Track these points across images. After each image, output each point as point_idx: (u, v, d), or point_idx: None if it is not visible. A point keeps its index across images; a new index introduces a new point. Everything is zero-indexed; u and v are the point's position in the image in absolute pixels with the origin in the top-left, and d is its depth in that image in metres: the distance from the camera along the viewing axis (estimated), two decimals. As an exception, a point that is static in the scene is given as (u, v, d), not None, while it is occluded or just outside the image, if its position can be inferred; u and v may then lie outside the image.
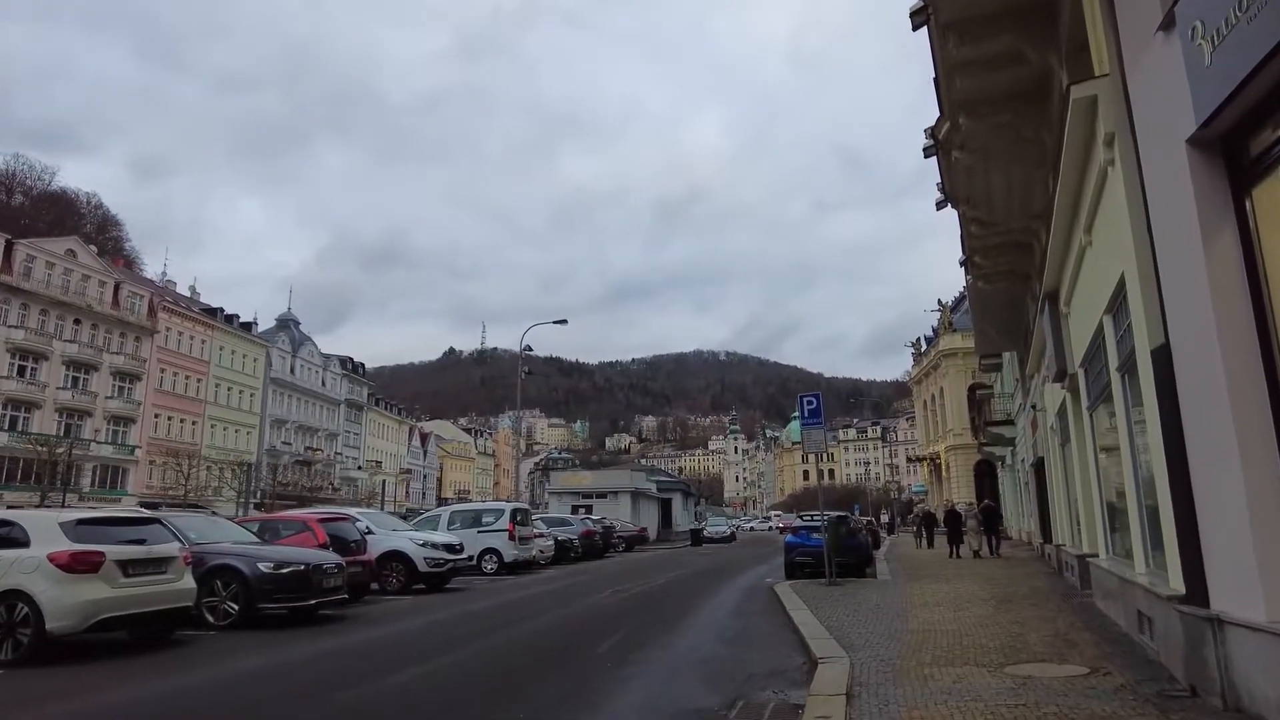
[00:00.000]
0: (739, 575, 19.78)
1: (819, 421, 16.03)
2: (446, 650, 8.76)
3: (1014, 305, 21.78)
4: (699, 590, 15.66)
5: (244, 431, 73.33)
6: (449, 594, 15.29)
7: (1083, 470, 12.64)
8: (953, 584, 14.86)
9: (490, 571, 20.23)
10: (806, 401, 16.24)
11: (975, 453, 59.71)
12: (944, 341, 68.00)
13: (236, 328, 73.75)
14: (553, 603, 13.63)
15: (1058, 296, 12.01)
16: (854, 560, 17.81)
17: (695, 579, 18.73)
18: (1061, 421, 15.44)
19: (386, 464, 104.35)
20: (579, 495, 45.07)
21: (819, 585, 15.01)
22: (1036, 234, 15.19)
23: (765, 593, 14.59)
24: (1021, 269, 17.53)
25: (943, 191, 14.76)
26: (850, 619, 10.19)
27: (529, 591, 15.66)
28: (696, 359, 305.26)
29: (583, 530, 28.32)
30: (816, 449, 16.09)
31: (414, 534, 15.74)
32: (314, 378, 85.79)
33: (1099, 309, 8.53)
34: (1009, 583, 14.83)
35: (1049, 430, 18.05)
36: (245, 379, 73.68)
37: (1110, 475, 10.45)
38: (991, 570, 18.59)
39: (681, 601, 13.59)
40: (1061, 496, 16.28)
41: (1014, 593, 12.94)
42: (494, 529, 20.49)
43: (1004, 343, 26.50)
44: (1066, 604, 11.06)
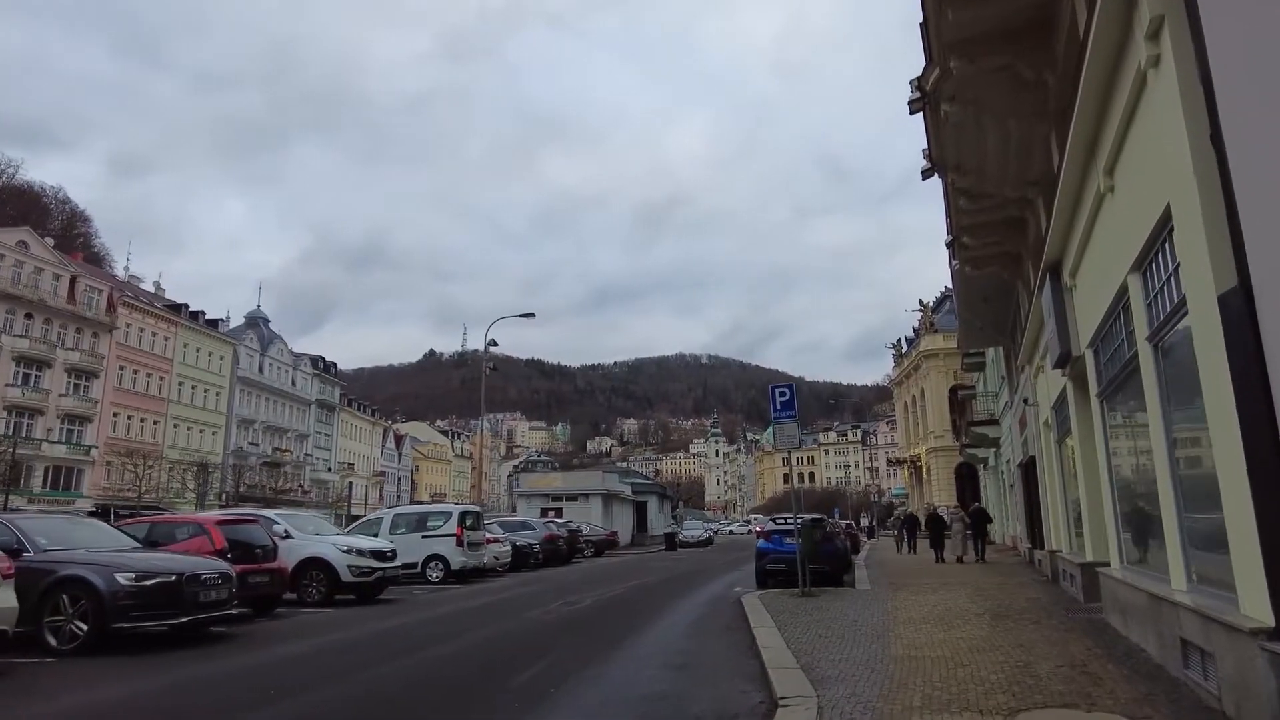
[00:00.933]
0: (707, 583, 18.21)
1: (792, 415, 14.49)
2: (318, 684, 7.10)
3: (1002, 293, 20.38)
4: (658, 602, 14.07)
5: (209, 432, 71.04)
6: (377, 606, 13.61)
7: (1088, 467, 11.15)
8: (939, 595, 13.35)
9: (435, 580, 18.51)
10: (779, 393, 14.69)
11: (957, 455, 58.63)
12: (925, 342, 66.93)
13: (202, 325, 71.45)
14: (487, 618, 11.98)
15: (1060, 269, 10.53)
16: (831, 568, 16.28)
17: (658, 588, 17.14)
18: (1059, 414, 13.98)
19: (359, 466, 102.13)
20: (549, 498, 43.29)
21: (791, 596, 13.46)
22: (1032, 205, 13.74)
23: (731, 605, 13.02)
24: (1013, 249, 16.10)
25: (929, 158, 13.28)
26: (823, 640, 8.62)
27: (468, 604, 14.00)
28: (678, 362, 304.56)
29: (545, 534, 26.61)
30: (790, 445, 14.54)
31: (340, 539, 14.04)
32: (284, 377, 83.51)
33: (1121, 269, 7.03)
34: (1001, 593, 13.34)
35: (1041, 426, 16.62)
36: (211, 377, 71.36)
37: (1126, 471, 8.96)
38: (979, 578, 17.12)
39: (634, 616, 11.99)
40: (1057, 498, 14.84)
41: (1009, 606, 11.43)
42: (440, 534, 18.77)
43: (990, 337, 25.13)
44: (1073, 621, 9.55)
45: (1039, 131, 11.14)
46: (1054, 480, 15.10)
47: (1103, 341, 8.91)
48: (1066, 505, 14.24)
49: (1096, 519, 10.93)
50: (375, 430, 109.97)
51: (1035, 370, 16.27)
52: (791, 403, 14.54)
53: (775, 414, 14.65)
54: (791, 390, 14.62)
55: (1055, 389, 13.53)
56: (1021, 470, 24.85)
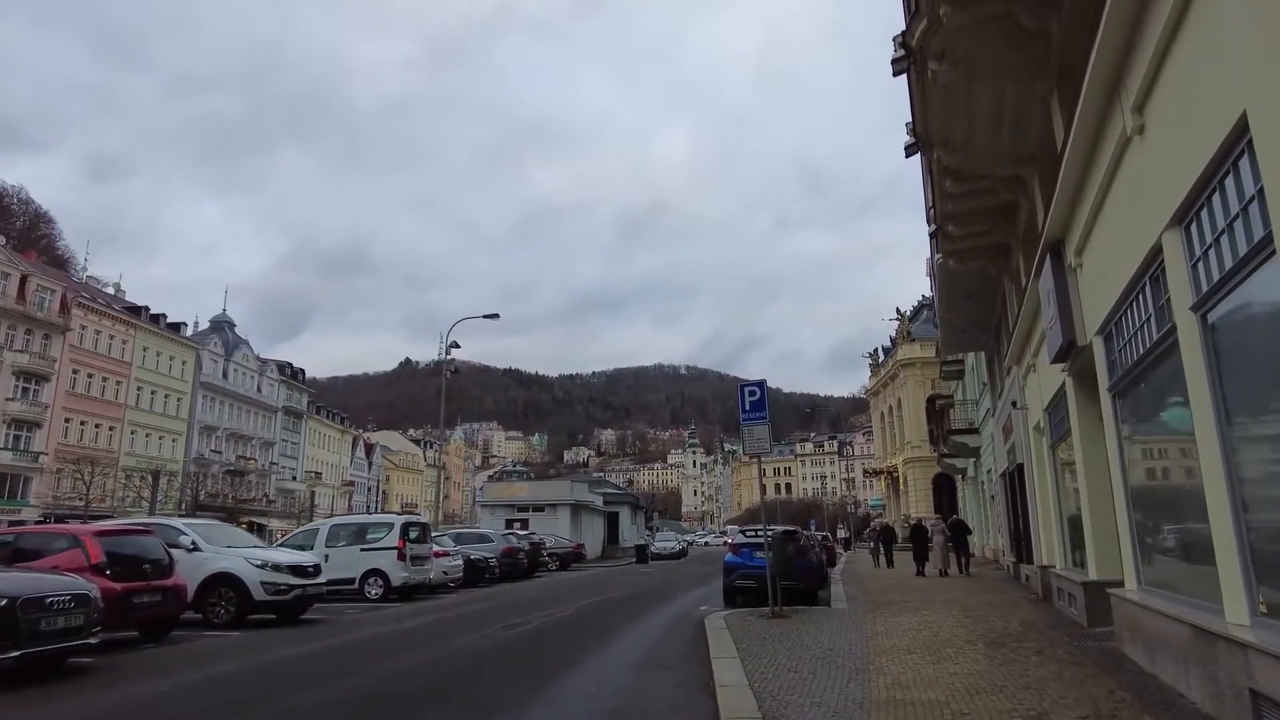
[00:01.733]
0: (671, 601, 16.79)
1: (762, 417, 13.13)
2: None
3: (987, 291, 19.23)
4: (612, 624, 12.63)
5: (169, 438, 68.65)
6: (295, 629, 12.06)
7: (1093, 473, 9.89)
8: (923, 615, 12.03)
9: (374, 597, 16.94)
10: (748, 393, 13.33)
11: (934, 465, 57.81)
12: (902, 351, 66.12)
13: (163, 328, 69.01)
14: (409, 644, 10.47)
15: (1063, 248, 9.28)
16: (805, 584, 14.92)
17: (617, 606, 15.69)
18: (1054, 416, 12.74)
19: (327, 475, 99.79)
20: (514, 508, 41.57)
21: (761, 617, 12.08)
22: (1025, 186, 12.53)
23: (693, 628, 11.61)
24: (1001, 238, 14.91)
25: (913, 133, 12.02)
26: (793, 677, 7.25)
27: (397, 626, 12.47)
28: (657, 373, 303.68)
29: (504, 547, 25.03)
30: (759, 450, 13.19)
31: (255, 552, 12.47)
32: (249, 383, 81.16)
33: (1153, 227, 5.75)
34: (991, 614, 12.04)
35: (1031, 431, 15.40)
36: (172, 382, 68.98)
37: (1144, 477, 7.68)
38: (964, 595, 15.85)
39: (579, 642, 10.54)
40: (1050, 509, 13.59)
41: (1004, 630, 10.12)
42: (380, 546, 17.19)
43: (972, 340, 23.99)
44: (1083, 652, 8.24)
45: (1037, 93, 9.92)
46: (1046, 489, 13.87)
47: (1117, 325, 7.64)
48: (1061, 516, 13.00)
49: (1103, 532, 9.66)
50: (344, 439, 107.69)
51: (1025, 370, 15.06)
52: (762, 403, 13.20)
53: (744, 415, 13.29)
54: (762, 389, 13.28)
55: (1050, 388, 12.30)
56: (1005, 480, 23.70)
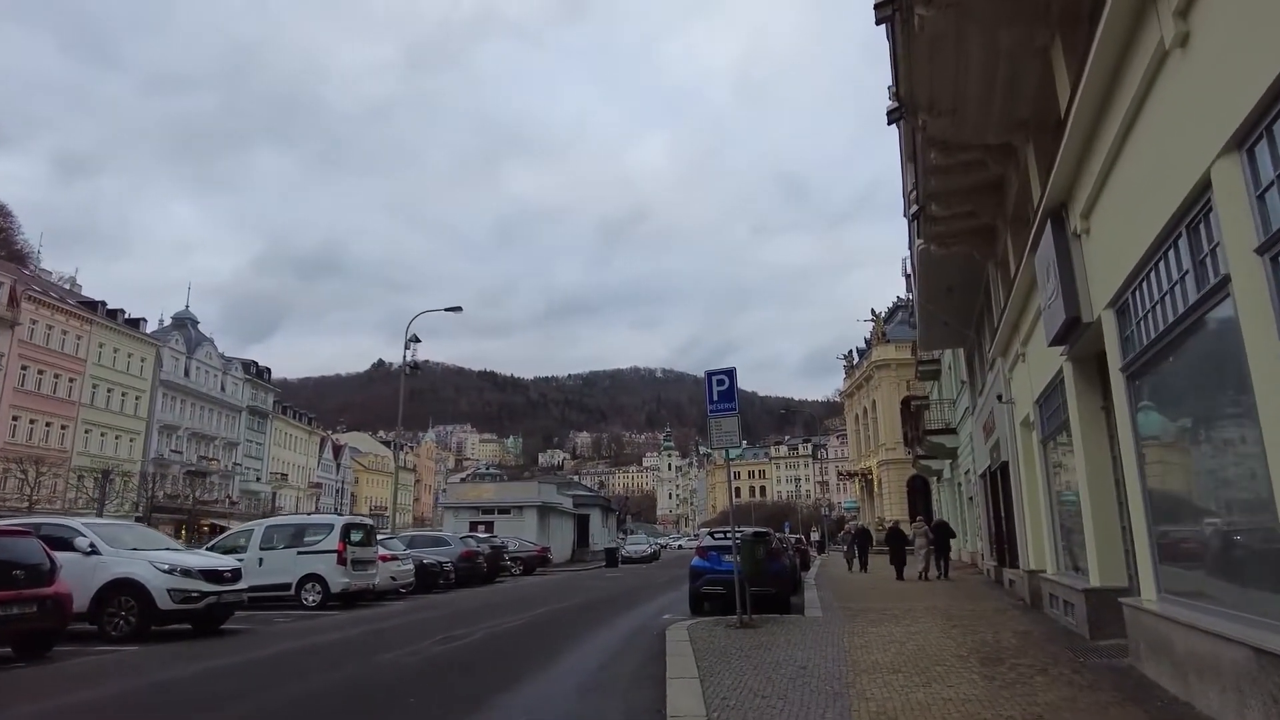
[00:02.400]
0: (635, 608, 15.62)
1: (731, 407, 12.01)
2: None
3: (969, 281, 18.27)
4: (564, 635, 11.42)
5: (126, 438, 66.40)
6: (206, 641, 10.74)
7: (1093, 470, 8.87)
8: (906, 625, 10.96)
9: (311, 605, 15.58)
10: (716, 381, 12.19)
11: (909, 467, 57.16)
12: (877, 352, 65.50)
13: (121, 324, 66.63)
14: (327, 661, 9.20)
15: (1066, 212, 8.25)
16: (776, 590, 13.82)
17: (575, 615, 14.49)
18: (1047, 408, 11.74)
19: (293, 477, 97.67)
20: (478, 510, 40.13)
21: (728, 628, 10.96)
22: (1016, 157, 11.52)
23: (653, 640, 10.45)
24: (988, 219, 13.91)
25: (896, 96, 10.96)
26: (759, 702, 6.12)
27: (323, 638, 11.17)
28: (633, 376, 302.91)
29: (462, 551, 23.70)
30: (728, 444, 12.07)
31: (164, 555, 11.11)
32: (212, 381, 78.94)
33: (1198, 160, 4.69)
34: (980, 623, 11.00)
35: (1018, 426, 14.43)
36: (130, 380, 66.71)
37: (1166, 471, 6.64)
38: (946, 601, 14.82)
39: (523, 658, 9.34)
40: (1040, 509, 12.58)
41: (997, 644, 9.06)
42: (318, 550, 15.81)
43: (952, 335, 23.09)
44: (1093, 671, 7.17)
45: (1036, 43, 8.88)
46: (1036, 488, 12.86)
47: (1135, 294, 6.59)
48: (1053, 518, 12.00)
49: (1107, 534, 8.65)
50: (312, 440, 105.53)
51: (1013, 362, 14.08)
52: (731, 392, 12.07)
53: (712, 406, 12.16)
54: (731, 378, 12.14)
55: (1043, 378, 11.30)
56: (985, 480, 22.81)
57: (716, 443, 12.14)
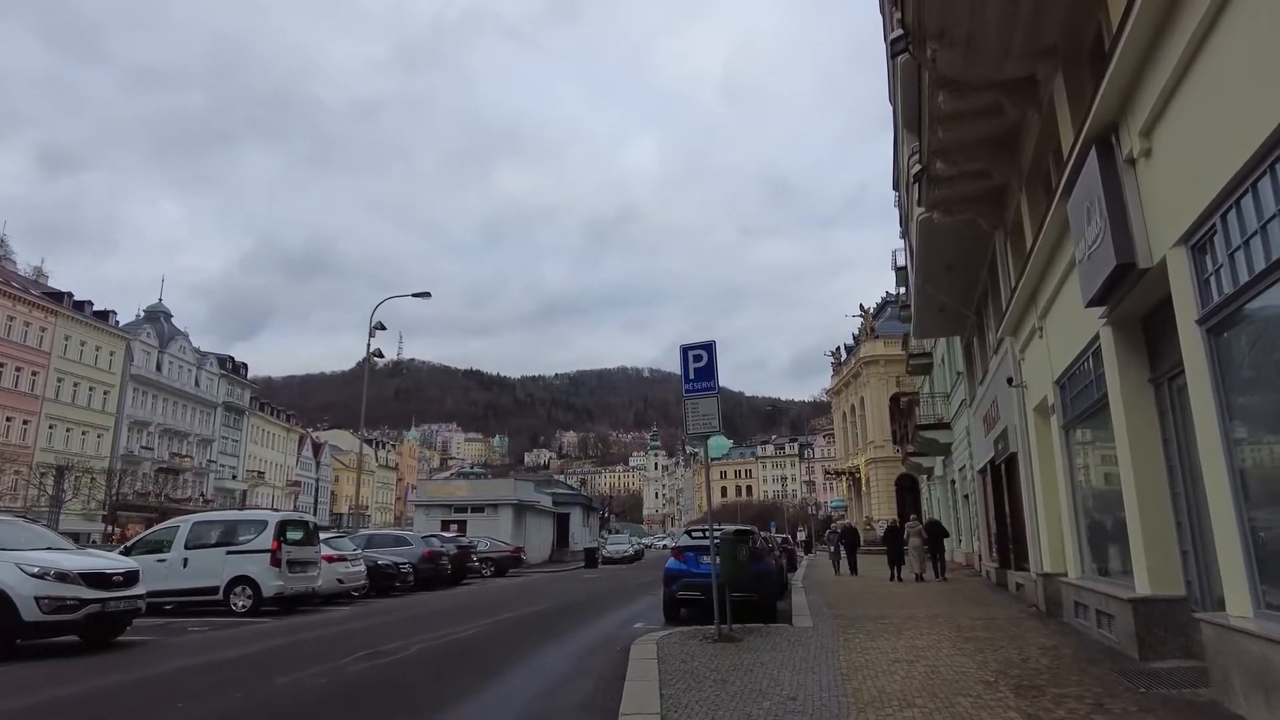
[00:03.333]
0: (603, 616, 14.03)
1: (710, 387, 10.44)
2: None
3: (970, 261, 16.83)
4: (515, 650, 9.82)
5: (94, 434, 64.24)
6: (88, 657, 9.07)
7: (1141, 456, 7.35)
8: (910, 638, 9.43)
9: (241, 610, 13.90)
10: (693, 356, 10.60)
11: (898, 465, 55.95)
12: (866, 349, 64.13)
13: (89, 316, 64.39)
14: (222, 683, 7.55)
15: (1116, 135, 6.72)
16: (760, 596, 12.27)
17: (535, 623, 12.88)
18: (1072, 388, 10.22)
19: (271, 475, 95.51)
20: (451, 508, 38.36)
21: (704, 641, 9.40)
22: (1036, 95, 9.98)
23: (615, 657, 8.88)
24: (999, 179, 12.39)
25: (902, 24, 9.42)
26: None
27: (229, 653, 9.51)
28: (620, 375, 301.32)
29: (423, 551, 22.02)
30: (706, 429, 10.51)
31: (38, 557, 9.36)
32: (186, 376, 76.70)
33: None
34: (996, 635, 9.49)
35: (1029, 413, 12.95)
36: (98, 374, 64.52)
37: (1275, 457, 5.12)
38: (949, 607, 13.31)
39: (454, 681, 7.74)
40: (1062, 505, 11.02)
41: (1025, 663, 7.53)
42: (250, 549, 14.12)
43: (949, 322, 21.64)
44: (1165, 707, 5.64)
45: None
46: (1055, 481, 11.33)
47: (1225, 223, 5.07)
48: (1077, 514, 10.49)
49: (1160, 532, 7.13)
50: (290, 437, 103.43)
51: (1026, 340, 12.58)
52: (710, 369, 10.50)
53: (688, 385, 10.58)
54: (710, 352, 10.55)
55: (1069, 352, 9.80)
56: (984, 476, 21.39)
57: (693, 427, 10.55)
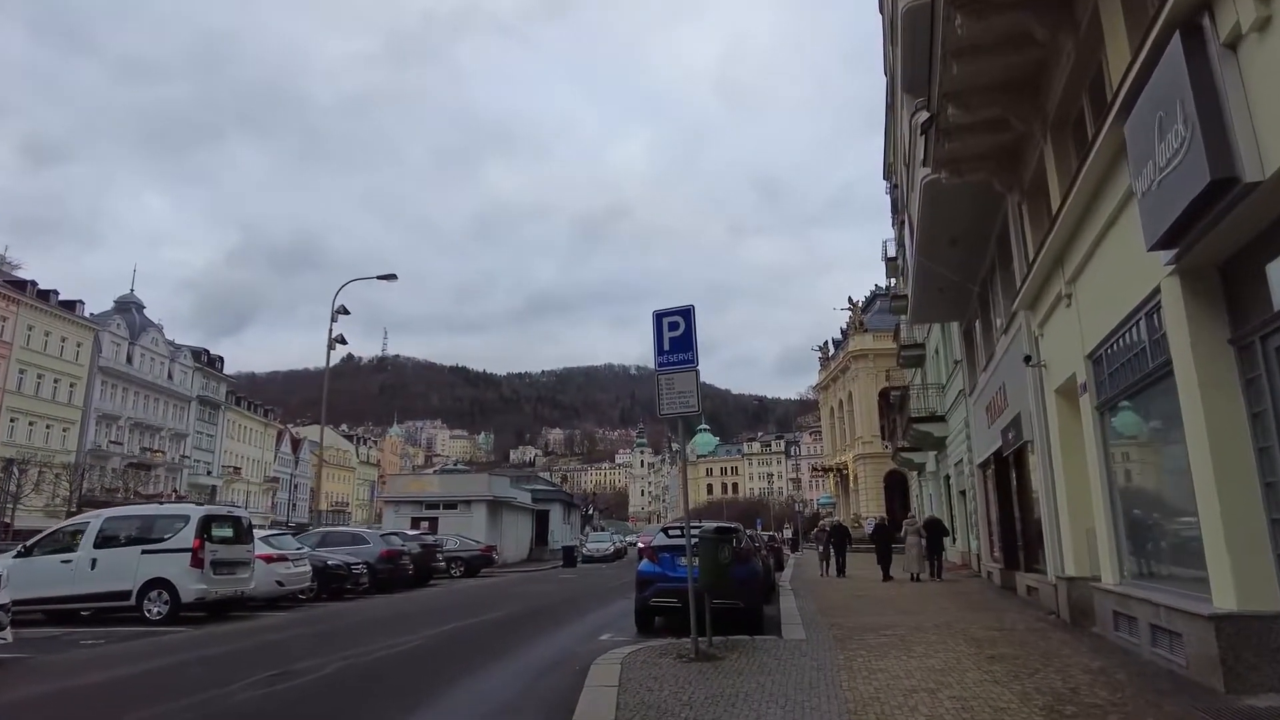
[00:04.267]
0: (567, 624, 12.44)
1: (688, 360, 8.87)
2: None
3: (977, 230, 15.33)
4: (450, 671, 8.21)
5: (59, 427, 62.00)
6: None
7: (1221, 436, 5.83)
8: (922, 655, 7.91)
9: (156, 618, 12.24)
10: (669, 324, 9.01)
11: (888, 461, 54.72)
12: (854, 342, 62.75)
13: (55, 305, 62.06)
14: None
15: (1209, 11, 5.19)
16: (745, 602, 10.72)
17: (486, 635, 11.27)
18: (1112, 362, 8.70)
19: (247, 470, 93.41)
20: (421, 505, 36.62)
21: (677, 661, 7.85)
22: (1069, 19, 8.46)
23: (570, 680, 7.30)
24: (1020, 125, 10.84)
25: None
26: None
27: (100, 675, 7.87)
28: (607, 373, 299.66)
29: (382, 550, 20.37)
30: (682, 411, 8.97)
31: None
32: (158, 369, 74.42)
33: None
34: (1024, 652, 7.98)
35: (1050, 396, 11.46)
36: (64, 366, 62.23)
37: None
38: (956, 613, 11.81)
39: (357, 716, 6.14)
40: (1098, 498, 9.42)
41: (1075, 693, 6.00)
42: (168, 548, 12.43)
43: (947, 306, 20.18)
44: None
45: None
46: (1085, 470, 9.75)
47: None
48: (1116, 509, 8.96)
49: (1248, 530, 5.62)
50: (268, 432, 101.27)
51: (1047, 312, 11.08)
52: (688, 340, 8.92)
53: (661, 358, 8.99)
54: (687, 319, 8.96)
55: (1108, 318, 8.28)
56: (986, 470, 19.96)
57: (668, 407, 8.96)
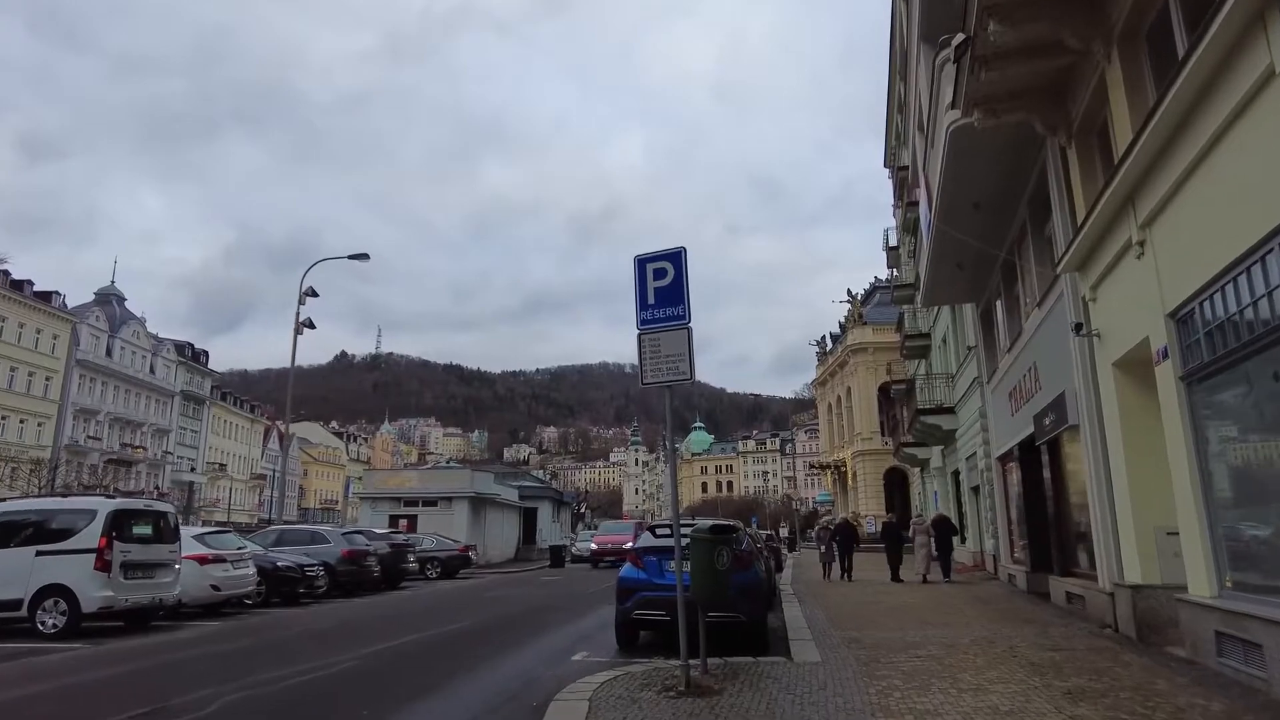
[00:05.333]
0: (537, 638, 10.63)
1: (679, 315, 7.09)
2: None
3: (1008, 189, 13.60)
4: (369, 707, 6.43)
5: (34, 422, 59.99)
6: None
7: None
8: (974, 688, 6.16)
9: (50, 631, 10.41)
10: (654, 271, 7.23)
11: (888, 458, 53.14)
12: (853, 336, 60.92)
13: (29, 296, 59.97)
14: None
15: None
16: (747, 614, 8.93)
17: (435, 653, 9.45)
18: (1203, 315, 6.94)
19: (233, 468, 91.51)
20: (399, 501, 34.72)
21: (662, 695, 6.08)
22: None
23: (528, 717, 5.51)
24: (1075, 44, 9.06)
25: None
26: None
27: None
28: (602, 371, 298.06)
29: (343, 551, 18.50)
30: (672, 378, 7.20)
31: None
32: (139, 363, 72.35)
33: None
34: (1103, 683, 6.23)
35: (1107, 371, 9.72)
36: (40, 359, 60.21)
37: None
38: (991, 625, 10.06)
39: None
40: (1188, 490, 7.64)
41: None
42: (68, 549, 10.57)
43: (966, 284, 18.45)
44: None
45: None
46: (1181, 454, 7.88)
47: None
48: (1212, 504, 7.19)
49: None
50: (255, 429, 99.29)
51: (1105, 271, 9.30)
52: (679, 291, 7.13)
53: (645, 313, 7.21)
54: (677, 263, 7.17)
55: (1210, 263, 6.51)
56: (1006, 463, 18.26)
57: (653, 374, 7.16)
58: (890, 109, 37.89)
